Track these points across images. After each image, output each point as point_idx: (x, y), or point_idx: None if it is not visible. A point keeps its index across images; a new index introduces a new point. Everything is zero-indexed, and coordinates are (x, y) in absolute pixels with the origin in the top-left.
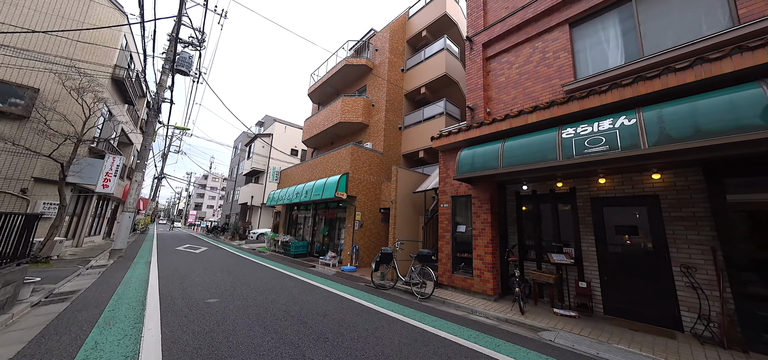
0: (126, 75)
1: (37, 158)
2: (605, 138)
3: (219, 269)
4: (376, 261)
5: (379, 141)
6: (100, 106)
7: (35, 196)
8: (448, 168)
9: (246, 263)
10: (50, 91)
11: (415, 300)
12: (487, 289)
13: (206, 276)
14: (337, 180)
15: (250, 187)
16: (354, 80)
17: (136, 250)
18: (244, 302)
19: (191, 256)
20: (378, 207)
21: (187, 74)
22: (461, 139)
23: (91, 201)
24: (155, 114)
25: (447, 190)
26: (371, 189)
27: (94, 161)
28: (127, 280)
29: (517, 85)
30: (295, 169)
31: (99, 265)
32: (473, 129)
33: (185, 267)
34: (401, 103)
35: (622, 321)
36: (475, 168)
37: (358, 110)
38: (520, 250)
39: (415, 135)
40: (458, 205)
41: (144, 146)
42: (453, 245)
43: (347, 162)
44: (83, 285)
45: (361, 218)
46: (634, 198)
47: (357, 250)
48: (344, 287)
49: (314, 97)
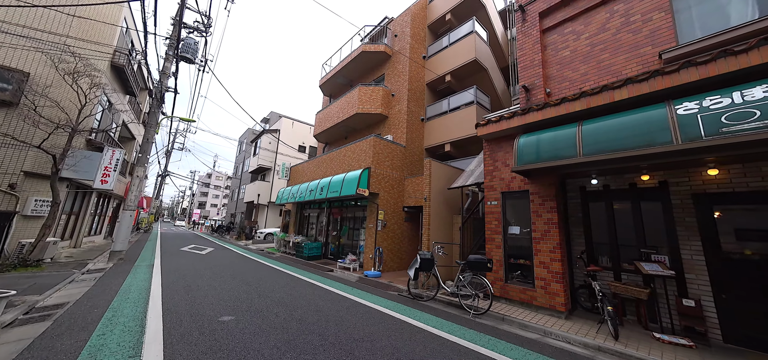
0: (126, 62)
1: (27, 150)
2: (761, 110)
3: (229, 274)
4: (415, 268)
5: (401, 133)
6: (98, 93)
7: (26, 192)
8: (496, 159)
9: (257, 267)
10: (42, 75)
11: (467, 315)
12: (555, 303)
13: (216, 283)
14: (359, 175)
15: (257, 184)
16: (370, 69)
17: (138, 251)
18: (264, 320)
19: (197, 258)
20: (401, 205)
21: (192, 61)
22: (516, 124)
23: (90, 198)
24: (158, 104)
25: (495, 186)
26: (394, 185)
27: (91, 154)
28: (125, 289)
29: (587, 59)
30: (306, 164)
31: (96, 269)
32: (533, 112)
33: (191, 272)
34: (423, 92)
35: (756, 354)
36: (541, 157)
37: (377, 100)
38: (589, 258)
39: (439, 127)
40: (510, 202)
41: (146, 139)
42: (505, 250)
43: (369, 155)
44: (74, 296)
45: (384, 218)
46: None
47: (380, 253)
48: (375, 298)
49: (326, 89)
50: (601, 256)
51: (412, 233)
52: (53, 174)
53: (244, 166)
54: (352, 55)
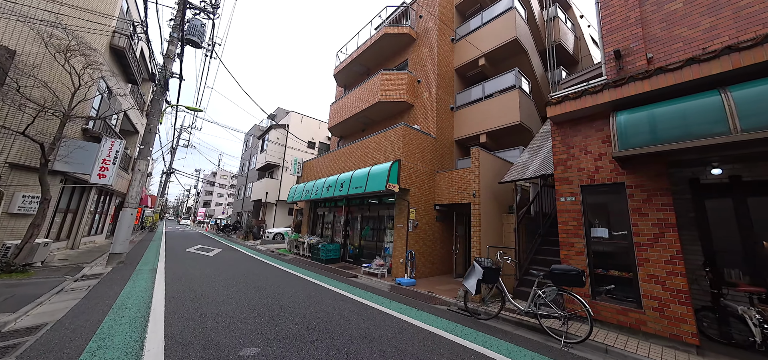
0: (127, 44)
1: (13, 138)
2: None
3: (242, 281)
4: (476, 279)
5: (430, 123)
6: (93, 75)
7: (11, 186)
8: (572, 145)
9: (272, 272)
10: (30, 53)
11: (553, 343)
12: (680, 333)
13: (229, 294)
14: (389, 168)
15: (265, 182)
16: (391, 55)
17: (141, 252)
18: (300, 355)
19: (205, 260)
20: (433, 203)
21: (198, 45)
22: (606, 100)
23: (89, 195)
24: (162, 91)
25: (572, 178)
26: (425, 180)
27: (86, 144)
28: (122, 302)
29: (715, 8)
30: (321, 159)
31: (92, 274)
32: (635, 82)
33: (200, 278)
34: (452, 79)
35: None
36: (660, 138)
37: (402, 87)
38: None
39: (472, 116)
40: (594, 199)
41: (149, 129)
42: (589, 258)
43: (398, 146)
44: (57, 312)
45: (415, 217)
46: None
47: (413, 258)
48: (422, 314)
49: (340, 79)
50: (730, 268)
51: (444, 234)
52: (42, 166)
53: (251, 163)
54: (371, 39)
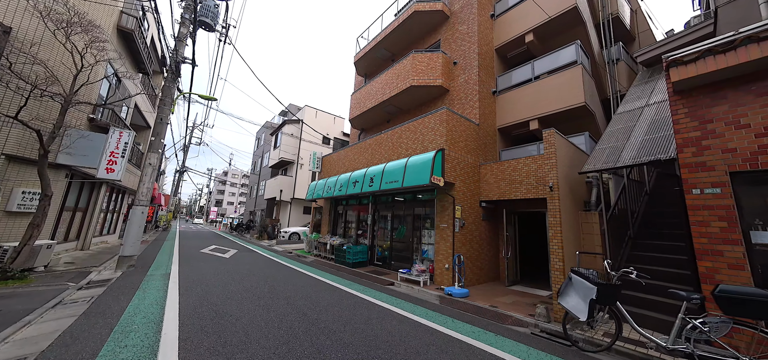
0: (136, 26)
1: (9, 126)
2: None
3: (267, 291)
4: (590, 300)
5: (469, 110)
6: (98, 56)
7: (9, 181)
8: (709, 118)
9: (296, 277)
10: (27, 30)
11: None
12: None
13: (254, 309)
14: (432, 158)
15: (278, 179)
16: (420, 36)
17: (154, 254)
18: None
19: (221, 263)
20: (478, 199)
21: (212, 28)
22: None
23: (100, 192)
24: (173, 77)
25: (713, 162)
26: (469, 173)
27: (90, 135)
28: (126, 322)
29: None
30: (343, 152)
31: (99, 281)
32: None
33: (218, 288)
34: (492, 59)
35: None
36: None
37: (436, 69)
38: None
39: (518, 101)
40: (754, 190)
41: (160, 118)
42: (754, 272)
43: (440, 134)
44: (44, 339)
45: (461, 215)
46: None
47: (461, 263)
48: (499, 339)
49: (361, 67)
50: None
51: (490, 235)
52: (41, 157)
53: (263, 160)
54: (399, 18)
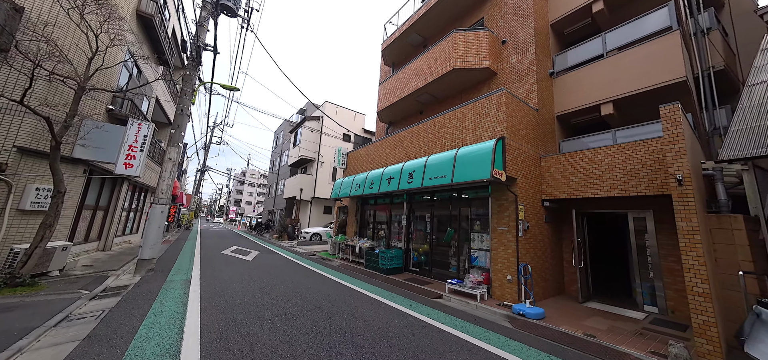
0: (156, 12)
1: (22, 116)
2: None
3: (301, 306)
4: None
5: (525, 93)
6: (114, 36)
7: (22, 176)
8: None
9: (328, 286)
10: (40, 11)
11: None
12: None
13: (289, 332)
14: (492, 148)
15: (298, 178)
16: (459, 15)
17: (175, 254)
18: None
19: (244, 267)
20: (539, 198)
21: (234, 13)
22: None
23: (121, 189)
24: (194, 65)
25: None
26: (531, 167)
27: (107, 125)
28: (138, 347)
29: None
30: (372, 147)
31: (115, 288)
32: None
33: (244, 300)
34: (547, 36)
35: None
36: None
37: (482, 50)
38: None
39: (584, 82)
40: None
41: (180, 110)
42: None
43: (499, 120)
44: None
45: (524, 216)
46: None
47: (528, 275)
48: None
49: (388, 55)
50: None
51: (553, 240)
52: (53, 149)
53: (282, 159)
54: None
